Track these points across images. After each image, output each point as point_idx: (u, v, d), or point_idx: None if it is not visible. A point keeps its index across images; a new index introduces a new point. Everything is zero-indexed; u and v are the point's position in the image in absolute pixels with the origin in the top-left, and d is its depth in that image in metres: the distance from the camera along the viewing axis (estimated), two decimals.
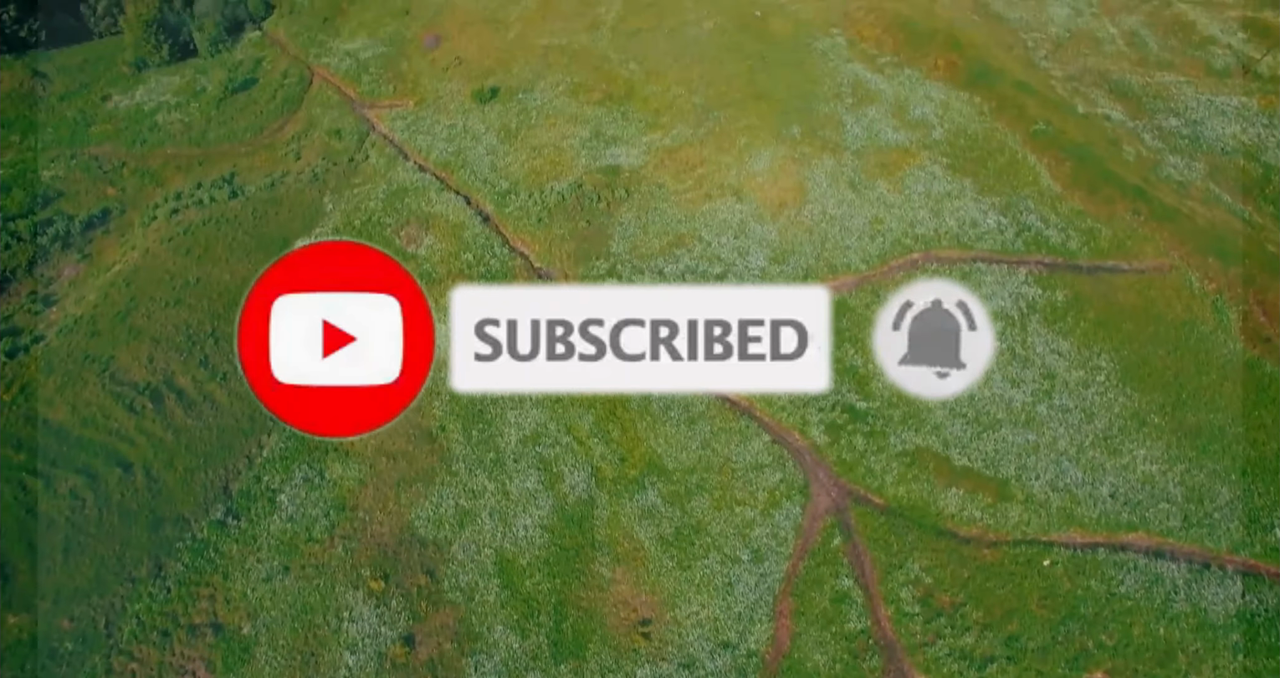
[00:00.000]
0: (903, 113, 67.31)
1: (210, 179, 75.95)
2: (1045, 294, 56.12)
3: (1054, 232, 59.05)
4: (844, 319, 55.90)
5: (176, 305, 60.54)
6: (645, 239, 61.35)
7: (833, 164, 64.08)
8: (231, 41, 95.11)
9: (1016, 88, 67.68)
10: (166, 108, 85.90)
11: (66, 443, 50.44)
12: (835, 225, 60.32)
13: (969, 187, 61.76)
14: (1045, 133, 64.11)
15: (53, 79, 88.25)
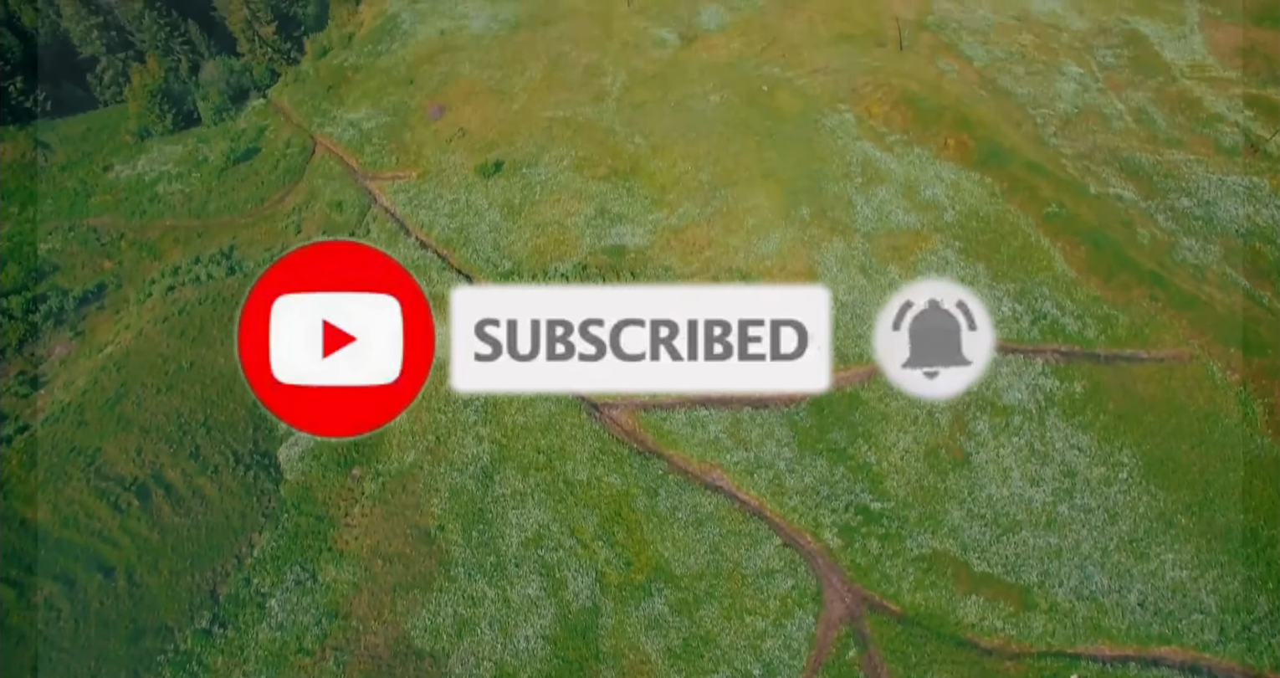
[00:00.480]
0: (913, 193, 66.37)
1: (209, 253, 75.04)
2: (1063, 386, 54.35)
3: (1070, 319, 57.52)
4: (856, 413, 54.14)
5: (168, 391, 58.77)
6: None
7: (843, 247, 62.89)
8: (235, 110, 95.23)
9: (1028, 168, 66.87)
10: (167, 178, 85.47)
11: (45, 546, 48.20)
12: (847, 313, 58.80)
13: (983, 272, 60.44)
14: (1058, 216, 63.06)
15: (55, 149, 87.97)
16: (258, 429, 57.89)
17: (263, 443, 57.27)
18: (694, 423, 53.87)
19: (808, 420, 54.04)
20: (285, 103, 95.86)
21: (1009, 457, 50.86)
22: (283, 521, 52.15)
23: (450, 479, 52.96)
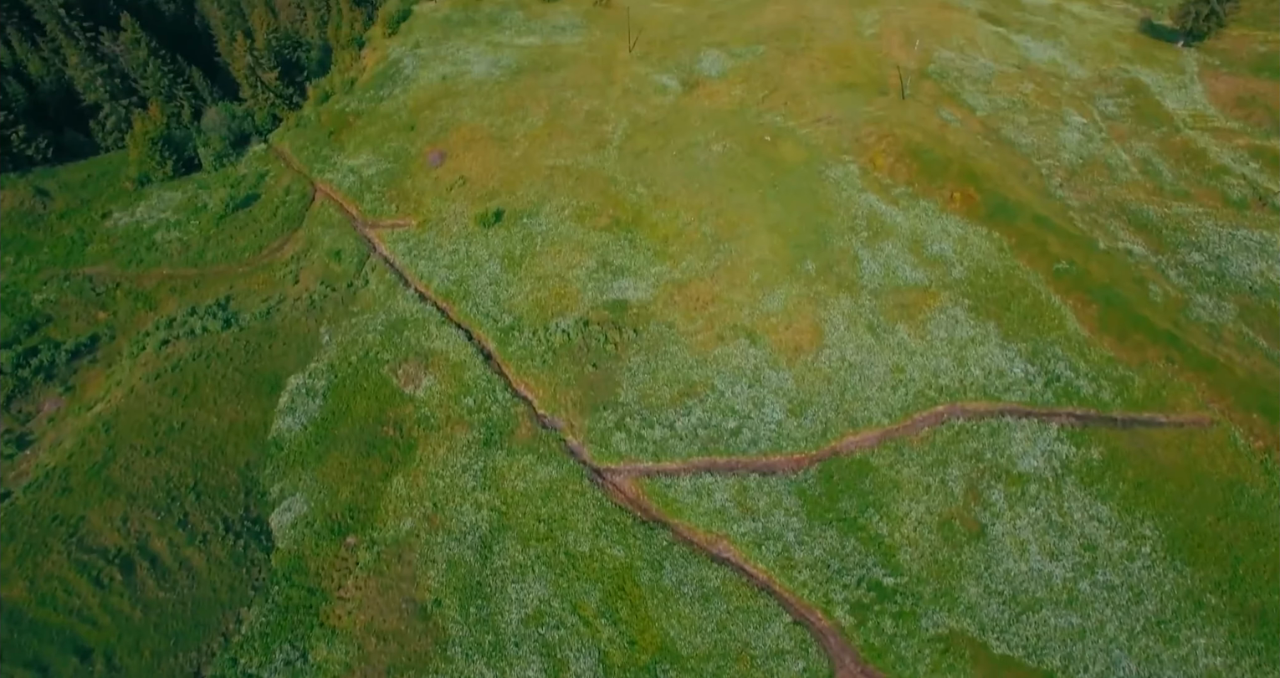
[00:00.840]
0: (920, 248, 65.36)
1: (205, 304, 73.73)
2: (1080, 452, 52.71)
3: (1085, 381, 56.09)
4: (866, 480, 52.43)
5: (158, 454, 57.03)
6: (655, 386, 58.33)
7: (850, 304, 61.67)
8: (236, 155, 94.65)
9: (1036, 222, 65.95)
10: (166, 225, 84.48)
11: (19, 628, 46.11)
12: (855, 374, 57.42)
13: (993, 331, 59.16)
14: (1069, 272, 61.96)
15: (54, 196, 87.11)
16: (249, 494, 56.09)
17: (254, 508, 55.38)
18: (699, 491, 52.15)
19: (816, 488, 52.31)
20: (286, 148, 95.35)
21: (1026, 528, 49.05)
22: (273, 593, 50.07)
23: (448, 549, 51.03)
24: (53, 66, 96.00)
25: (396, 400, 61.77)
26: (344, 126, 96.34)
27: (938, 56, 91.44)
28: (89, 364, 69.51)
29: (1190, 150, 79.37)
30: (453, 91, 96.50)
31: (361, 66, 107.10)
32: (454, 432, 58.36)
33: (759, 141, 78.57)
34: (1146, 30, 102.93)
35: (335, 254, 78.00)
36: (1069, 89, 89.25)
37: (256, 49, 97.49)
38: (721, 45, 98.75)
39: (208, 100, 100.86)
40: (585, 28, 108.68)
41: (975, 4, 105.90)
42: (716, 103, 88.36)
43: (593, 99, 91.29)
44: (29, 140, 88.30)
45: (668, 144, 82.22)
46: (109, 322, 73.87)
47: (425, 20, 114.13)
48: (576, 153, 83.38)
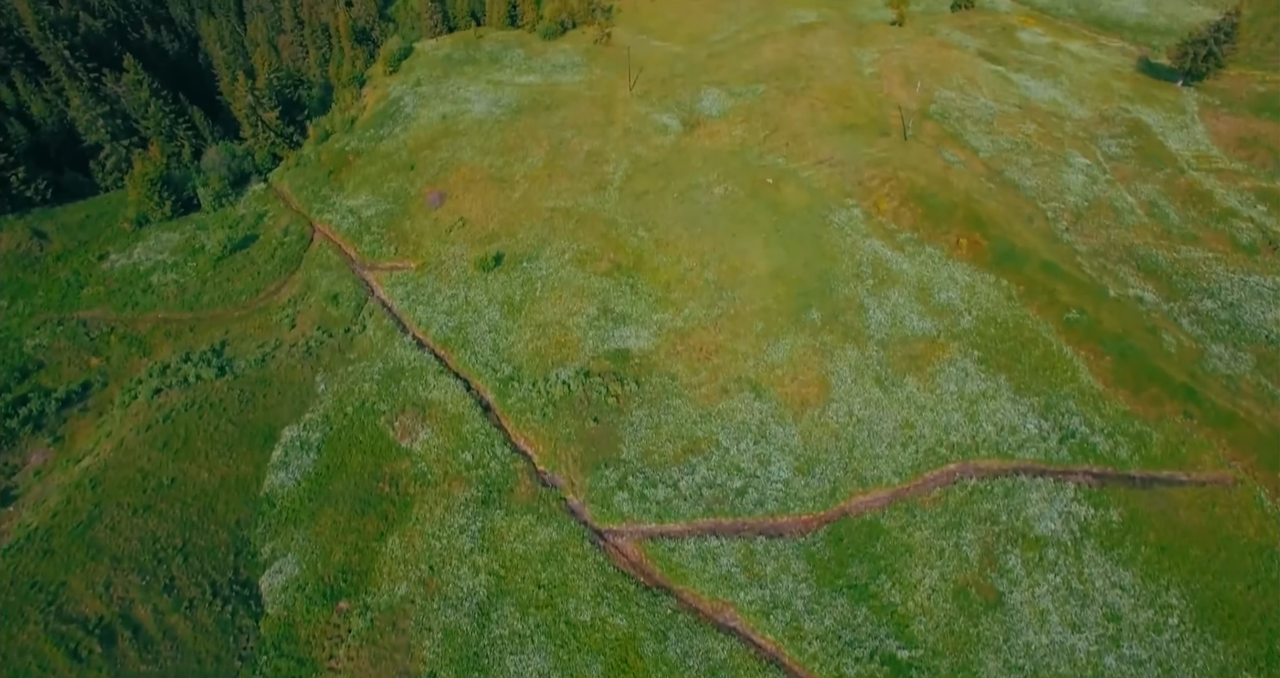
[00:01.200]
0: (927, 297, 64.16)
1: (199, 350, 72.39)
2: (1098, 513, 50.99)
3: (1100, 438, 54.53)
4: (877, 543, 50.64)
5: (145, 513, 55.29)
6: (658, 442, 56.75)
7: (856, 356, 60.31)
8: (235, 195, 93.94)
9: (1044, 269, 64.84)
10: (163, 267, 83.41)
11: None
12: (863, 429, 55.88)
13: (1004, 384, 57.73)
14: (1080, 322, 60.70)
15: (52, 238, 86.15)
16: (239, 555, 54.25)
17: (244, 570, 53.52)
18: (705, 555, 50.35)
19: (825, 552, 50.53)
20: (286, 188, 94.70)
21: (1046, 597, 47.18)
22: (261, 664, 48.04)
23: (444, 617, 49.08)
24: (55, 108, 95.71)
25: (393, 454, 60.14)
26: (344, 166, 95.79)
27: (938, 96, 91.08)
28: (79, 413, 67.97)
29: (1196, 192, 78.53)
30: (453, 131, 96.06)
31: (362, 105, 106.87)
32: (451, 488, 56.66)
33: (761, 184, 77.77)
34: (1145, 69, 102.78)
35: (333, 298, 76.85)
36: (1071, 129, 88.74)
37: (258, 89, 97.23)
38: (721, 84, 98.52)
39: (208, 140, 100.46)
40: (585, 66, 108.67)
41: (974, 43, 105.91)
42: (717, 143, 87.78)
43: (593, 139, 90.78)
44: (29, 182, 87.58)
45: (669, 186, 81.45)
46: (101, 368, 72.46)
47: (426, 58, 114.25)
48: (577, 194, 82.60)
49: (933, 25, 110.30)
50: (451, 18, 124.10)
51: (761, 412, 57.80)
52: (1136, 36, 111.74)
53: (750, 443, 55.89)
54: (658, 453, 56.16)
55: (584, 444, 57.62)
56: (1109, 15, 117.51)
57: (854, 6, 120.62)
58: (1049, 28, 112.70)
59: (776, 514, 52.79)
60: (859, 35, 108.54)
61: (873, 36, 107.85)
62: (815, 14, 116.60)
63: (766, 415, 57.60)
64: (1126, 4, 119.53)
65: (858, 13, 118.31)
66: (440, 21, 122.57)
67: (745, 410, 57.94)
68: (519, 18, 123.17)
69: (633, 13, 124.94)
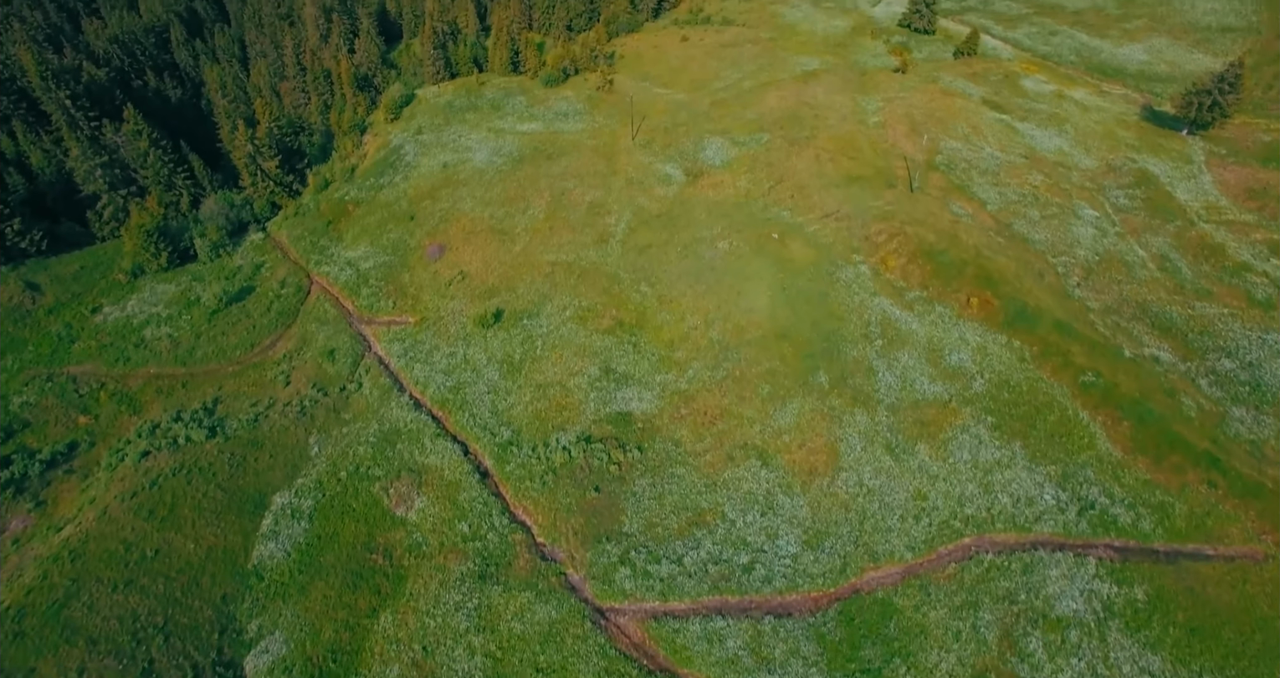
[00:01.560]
0: (938, 359, 62.50)
1: (191, 408, 70.65)
2: (1122, 591, 48.65)
3: (1121, 509, 52.40)
4: (890, 624, 48.25)
5: (126, 589, 53.01)
6: (661, 514, 54.66)
7: (866, 421, 58.45)
8: (233, 245, 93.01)
9: (1057, 329, 63.23)
10: (157, 320, 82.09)
11: None
12: (874, 500, 53.81)
13: (1019, 452, 55.77)
14: (1096, 385, 58.92)
15: (45, 290, 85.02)
16: (224, 634, 51.87)
17: (228, 650, 51.10)
18: (710, 636, 47.95)
19: (836, 633, 48.13)
20: (284, 238, 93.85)
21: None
22: None
23: None
24: (54, 157, 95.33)
25: (387, 524, 58.04)
26: (343, 215, 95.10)
27: (944, 146, 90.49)
28: (64, 475, 65.94)
29: (1207, 245, 77.34)
30: (454, 180, 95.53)
31: (363, 153, 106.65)
32: (447, 561, 54.44)
33: (766, 239, 76.63)
34: (1149, 117, 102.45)
35: (329, 353, 75.38)
36: (1078, 180, 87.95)
37: (257, 138, 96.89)
38: (725, 133, 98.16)
39: (207, 188, 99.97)
40: (588, 114, 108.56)
41: (977, 91, 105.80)
42: (721, 194, 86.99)
43: (595, 189, 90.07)
44: (24, 233, 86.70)
45: (672, 239, 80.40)
46: (89, 427, 70.65)
47: (428, 105, 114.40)
48: (578, 248, 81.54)
49: (936, 73, 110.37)
50: (454, 64, 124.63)
51: (768, 481, 55.77)
52: (1139, 84, 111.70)
53: (757, 515, 53.78)
54: (661, 526, 54.04)
55: (585, 515, 55.52)
56: (1110, 62, 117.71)
57: (856, 53, 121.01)
58: (1052, 75, 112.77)
59: (785, 592, 50.50)
60: (862, 83, 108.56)
61: (876, 84, 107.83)
62: (818, 61, 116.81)
63: (773, 485, 55.57)
64: (1127, 51, 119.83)
65: (860, 60, 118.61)
66: (443, 68, 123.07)
67: (752, 480, 55.94)
68: (521, 64, 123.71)
69: (635, 59, 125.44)
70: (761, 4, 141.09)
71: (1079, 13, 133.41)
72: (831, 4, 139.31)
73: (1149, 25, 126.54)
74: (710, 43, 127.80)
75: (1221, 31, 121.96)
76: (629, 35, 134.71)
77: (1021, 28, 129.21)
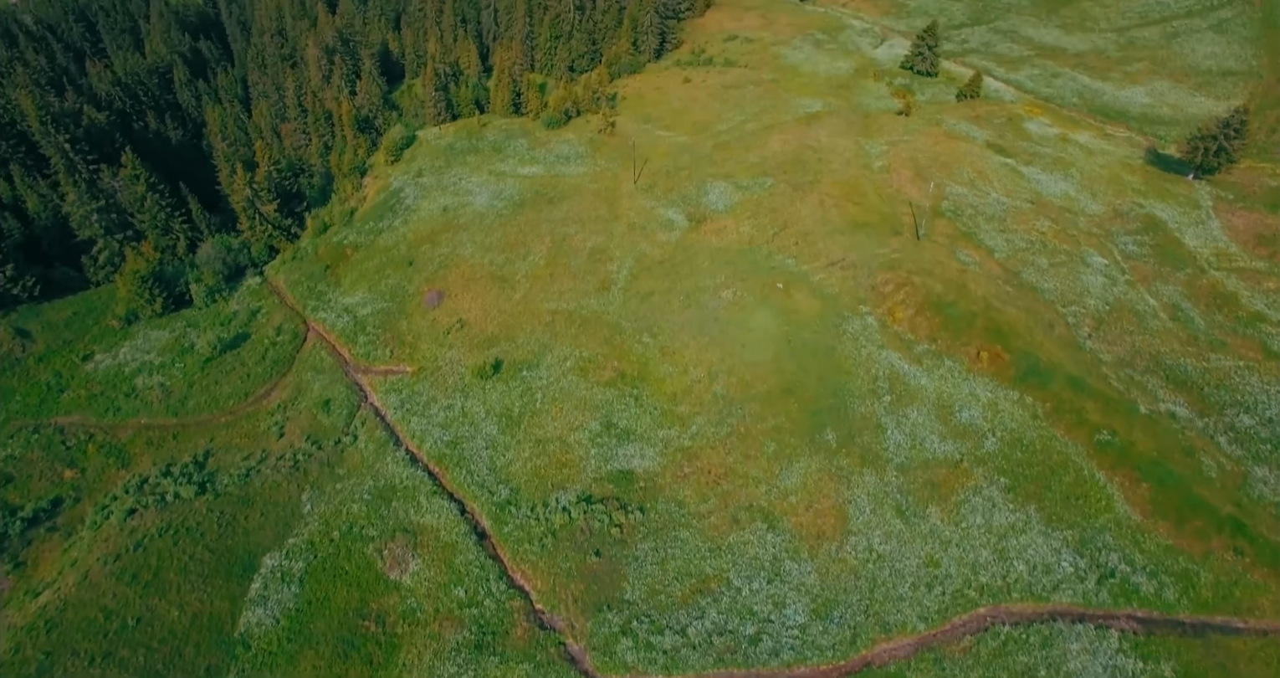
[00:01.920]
0: (948, 416, 60.80)
1: (181, 462, 68.87)
2: (1148, 667, 46.33)
3: (1143, 577, 50.28)
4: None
5: (104, 662, 50.75)
6: (665, 581, 52.55)
7: (875, 483, 56.59)
8: (229, 289, 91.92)
9: (1070, 385, 61.62)
10: (149, 368, 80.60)
11: None
12: (884, 567, 51.74)
13: (1034, 516, 53.80)
14: (1112, 444, 57.11)
15: (36, 337, 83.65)
16: None
17: None
18: None
19: None
20: (281, 282, 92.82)
21: None
22: None
23: None
24: (50, 202, 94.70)
25: (380, 588, 55.89)
26: (341, 260, 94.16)
27: (950, 192, 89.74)
28: (46, 534, 63.94)
29: (1220, 294, 76.04)
30: (454, 224, 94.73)
31: (362, 196, 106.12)
32: (442, 629, 52.22)
33: (771, 288, 75.40)
34: (1154, 161, 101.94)
35: (324, 404, 73.74)
36: (1085, 225, 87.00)
37: (256, 182, 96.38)
38: (728, 177, 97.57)
39: (205, 231, 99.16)
40: (589, 157, 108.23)
41: (981, 134, 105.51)
42: (725, 240, 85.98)
43: (597, 235, 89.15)
44: (16, 279, 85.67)
45: (674, 287, 79.19)
46: (75, 481, 68.80)
47: (429, 147, 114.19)
48: (579, 295, 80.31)
49: (939, 115, 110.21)
50: (455, 105, 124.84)
51: (775, 545, 53.74)
52: (1142, 127, 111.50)
53: (763, 582, 51.66)
54: (664, 593, 51.89)
55: (585, 581, 53.40)
56: (1113, 105, 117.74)
57: (859, 95, 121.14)
58: (1055, 118, 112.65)
59: (793, 665, 48.22)
60: (865, 125, 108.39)
61: (880, 127, 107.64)
62: (821, 103, 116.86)
63: (780, 550, 53.53)
64: (1130, 94, 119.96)
65: (863, 102, 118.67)
66: (444, 109, 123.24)
67: (758, 544, 53.91)
68: (523, 105, 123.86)
69: (637, 100, 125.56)
70: (764, 45, 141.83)
71: (1080, 55, 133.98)
72: (834, 46, 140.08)
73: (1150, 68, 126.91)
74: (713, 84, 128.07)
75: (1222, 75, 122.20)
76: (631, 76, 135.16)
77: (1023, 70, 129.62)
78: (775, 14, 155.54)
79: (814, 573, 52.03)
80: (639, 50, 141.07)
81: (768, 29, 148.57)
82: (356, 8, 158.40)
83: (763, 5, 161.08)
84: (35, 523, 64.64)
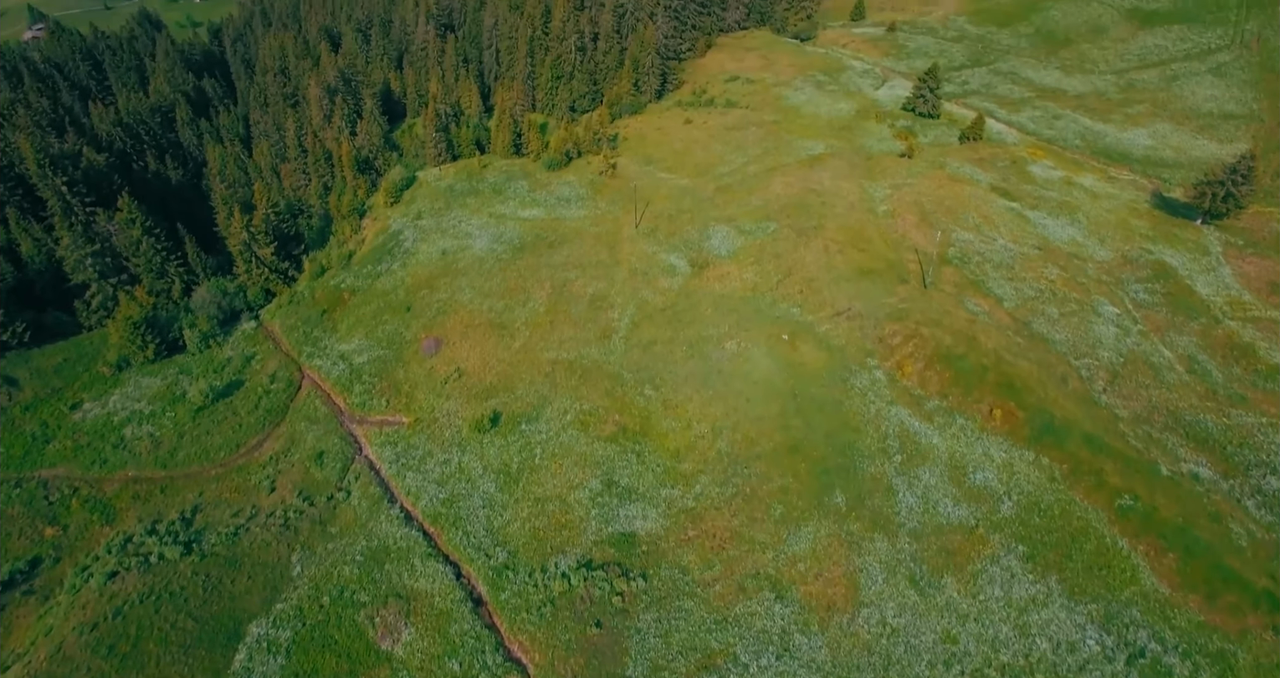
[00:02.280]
0: (961, 477, 58.63)
1: (168, 518, 66.52)
2: None
3: (1176, 658, 47.68)
4: None
5: None
6: (668, 655, 49.93)
7: (887, 549, 54.24)
8: (224, 334, 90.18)
9: (1088, 444, 59.55)
10: (139, 418, 78.48)
11: None
12: (899, 642, 49.16)
13: (1056, 588, 51.35)
14: (1134, 509, 54.88)
15: (23, 385, 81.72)
16: None
17: None
18: None
19: None
20: (277, 328, 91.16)
21: None
22: None
23: None
24: (44, 246, 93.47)
25: (371, 660, 53.17)
26: (338, 304, 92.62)
27: (956, 238, 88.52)
28: (22, 598, 61.24)
29: (1236, 345, 74.29)
30: (453, 269, 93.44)
31: (361, 238, 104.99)
32: None
33: (776, 339, 73.68)
34: (1160, 205, 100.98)
35: (317, 457, 71.56)
36: (1095, 273, 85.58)
37: (253, 225, 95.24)
38: (730, 221, 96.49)
39: (201, 275, 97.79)
40: (590, 199, 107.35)
41: (985, 177, 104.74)
42: (728, 287, 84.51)
43: (598, 281, 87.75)
44: (6, 324, 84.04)
45: (677, 336, 77.48)
46: (56, 540, 66.29)
47: (429, 189, 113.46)
48: (580, 344, 78.58)
49: (942, 158, 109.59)
50: (456, 146, 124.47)
51: (783, 617, 51.21)
52: (1145, 169, 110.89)
53: (772, 658, 49.04)
54: (668, 669, 49.23)
55: (586, 655, 50.77)
56: (1115, 147, 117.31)
57: (861, 137, 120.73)
58: (1059, 160, 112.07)
59: None
60: (869, 168, 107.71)
61: (883, 169, 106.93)
62: (823, 145, 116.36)
63: (789, 622, 50.99)
64: (1132, 136, 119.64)
65: (866, 144, 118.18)
66: (444, 149, 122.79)
67: (765, 615, 51.38)
68: (524, 146, 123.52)
69: (638, 142, 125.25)
70: (765, 86, 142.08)
71: (1080, 97, 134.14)
72: (835, 87, 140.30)
73: (1151, 110, 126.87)
74: (714, 125, 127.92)
75: (1223, 118, 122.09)
76: (632, 117, 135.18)
77: (1025, 111, 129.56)
78: (776, 55, 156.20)
79: (825, 648, 49.43)
80: (640, 91, 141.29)
81: (769, 70, 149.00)
82: (360, 47, 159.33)
83: (763, 46, 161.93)
84: (11, 586, 62.03)
